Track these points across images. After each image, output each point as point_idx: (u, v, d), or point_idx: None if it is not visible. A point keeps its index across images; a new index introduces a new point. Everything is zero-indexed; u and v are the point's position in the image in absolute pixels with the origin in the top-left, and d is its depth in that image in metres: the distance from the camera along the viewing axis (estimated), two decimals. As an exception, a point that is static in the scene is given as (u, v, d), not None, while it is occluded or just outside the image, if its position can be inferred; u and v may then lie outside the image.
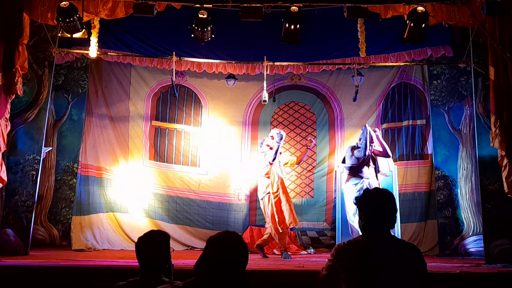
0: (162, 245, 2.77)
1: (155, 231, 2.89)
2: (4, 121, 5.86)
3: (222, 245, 2.17)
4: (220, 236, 2.22)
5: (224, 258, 2.13)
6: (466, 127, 7.57)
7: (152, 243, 2.76)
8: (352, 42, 7.01)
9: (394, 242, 2.55)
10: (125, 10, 6.28)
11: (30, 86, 6.64)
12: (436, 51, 7.42)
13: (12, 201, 6.41)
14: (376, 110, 8.60)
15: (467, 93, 7.54)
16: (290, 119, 8.90)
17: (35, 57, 6.69)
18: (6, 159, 6.17)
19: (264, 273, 4.89)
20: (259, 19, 6.27)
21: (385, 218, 2.55)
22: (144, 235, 2.82)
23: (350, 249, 2.52)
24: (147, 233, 2.85)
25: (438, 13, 6.23)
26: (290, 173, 8.69)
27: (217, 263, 2.13)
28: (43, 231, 7.45)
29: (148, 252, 2.72)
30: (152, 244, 2.75)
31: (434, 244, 7.62)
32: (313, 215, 8.51)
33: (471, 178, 7.43)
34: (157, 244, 2.76)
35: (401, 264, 2.42)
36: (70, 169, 7.75)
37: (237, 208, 8.54)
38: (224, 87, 8.63)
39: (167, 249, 2.79)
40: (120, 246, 7.72)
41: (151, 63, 7.64)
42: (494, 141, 5.99)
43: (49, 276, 4.64)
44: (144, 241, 2.78)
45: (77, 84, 7.92)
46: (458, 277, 4.67)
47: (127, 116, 8.45)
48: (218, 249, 2.16)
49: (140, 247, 2.76)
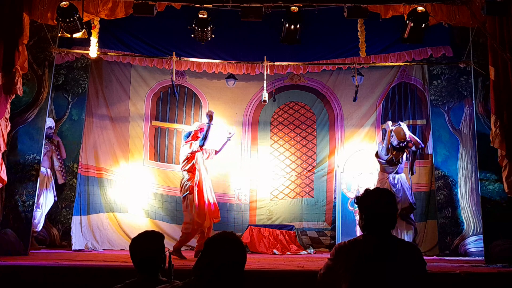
0: (156, 245, 2.76)
1: (149, 231, 2.87)
2: (4, 121, 5.86)
3: (220, 246, 2.18)
4: (218, 237, 2.23)
5: (222, 258, 2.14)
6: (466, 127, 7.57)
7: (146, 243, 2.76)
8: (352, 42, 7.01)
9: (394, 242, 2.55)
10: (125, 10, 6.27)
11: (30, 86, 6.63)
12: (436, 51, 7.41)
13: (12, 201, 6.41)
14: (376, 110, 8.60)
15: (467, 93, 7.53)
16: (290, 119, 8.90)
17: (35, 57, 6.68)
18: (6, 159, 6.17)
19: (264, 273, 4.89)
20: (259, 19, 6.27)
21: (386, 218, 2.55)
22: (138, 236, 2.82)
23: (350, 249, 2.52)
24: (141, 234, 2.84)
25: (438, 13, 6.23)
26: (290, 173, 8.70)
27: (215, 264, 2.13)
28: (43, 231, 7.44)
29: (142, 253, 2.71)
30: (146, 245, 2.75)
31: (434, 244, 7.62)
32: (313, 215, 8.51)
33: (471, 178, 7.43)
34: (151, 244, 2.75)
35: (401, 264, 2.43)
36: (70, 169, 7.75)
37: (237, 208, 8.54)
38: (224, 87, 8.63)
39: (162, 249, 2.77)
40: (120, 246, 7.72)
41: (151, 63, 7.64)
42: (494, 141, 5.99)
43: (49, 276, 4.65)
44: (137, 241, 2.77)
45: (77, 84, 7.92)
46: (458, 277, 4.68)
47: (127, 116, 8.45)
48: (216, 250, 2.17)
49: (134, 248, 2.75)
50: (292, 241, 7.96)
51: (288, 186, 8.68)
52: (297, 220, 8.46)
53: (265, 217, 8.51)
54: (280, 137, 8.85)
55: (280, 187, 8.68)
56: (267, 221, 8.45)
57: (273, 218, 8.52)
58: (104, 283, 3.71)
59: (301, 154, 8.79)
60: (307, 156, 8.76)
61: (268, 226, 8.14)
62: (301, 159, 8.76)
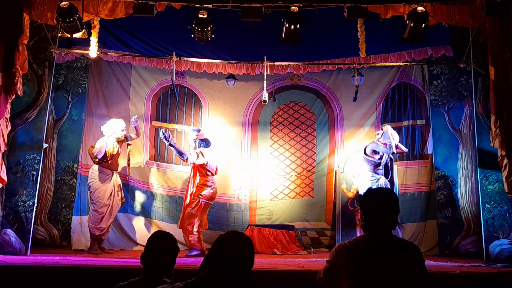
0: (174, 246, 2.79)
1: (166, 232, 2.89)
2: (4, 121, 5.86)
3: (230, 244, 2.18)
4: (228, 235, 2.23)
5: (231, 257, 2.14)
6: (466, 127, 7.57)
7: (165, 243, 2.77)
8: (352, 42, 7.01)
9: (395, 242, 2.55)
10: (125, 10, 6.28)
11: (30, 86, 6.64)
12: (436, 51, 7.41)
13: (12, 201, 6.41)
14: (376, 110, 8.60)
15: (467, 93, 7.53)
16: (290, 119, 8.90)
17: (35, 57, 6.68)
18: (6, 159, 6.18)
19: (264, 273, 4.89)
20: (259, 19, 6.27)
21: (387, 218, 2.55)
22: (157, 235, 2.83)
23: (351, 249, 2.52)
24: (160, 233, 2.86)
25: (438, 13, 6.23)
26: (290, 173, 8.70)
27: (223, 262, 2.13)
28: (43, 231, 7.45)
29: (160, 253, 2.73)
30: (166, 245, 2.76)
31: (434, 244, 7.62)
32: (313, 215, 8.50)
33: (471, 178, 7.43)
34: (170, 245, 2.77)
35: (401, 264, 2.42)
36: (70, 169, 7.75)
37: (237, 208, 8.53)
38: (224, 87, 8.62)
39: (176, 252, 2.82)
40: (120, 246, 7.72)
41: (151, 63, 7.64)
42: (494, 141, 5.99)
43: (49, 276, 4.65)
44: (157, 241, 2.79)
45: (77, 84, 7.91)
46: (458, 277, 4.68)
47: (127, 116, 8.42)
48: (225, 247, 2.17)
49: (152, 246, 2.76)
50: (292, 241, 7.96)
51: (288, 186, 8.68)
52: (297, 220, 8.45)
53: (265, 217, 8.51)
54: (280, 137, 8.85)
55: (280, 187, 8.68)
56: (267, 221, 8.44)
57: (273, 218, 8.52)
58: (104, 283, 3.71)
59: (301, 154, 8.79)
60: (307, 156, 8.76)
61: (268, 226, 8.14)
62: (301, 159, 8.76)
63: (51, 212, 7.54)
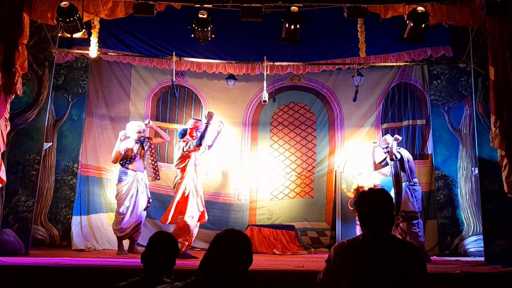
0: (174, 246, 2.80)
1: (167, 232, 2.91)
2: (4, 121, 5.85)
3: (228, 243, 2.18)
4: (226, 234, 2.23)
5: (229, 255, 2.14)
6: (466, 127, 7.58)
7: (166, 243, 2.78)
8: (352, 42, 7.01)
9: (394, 241, 2.55)
10: (125, 10, 6.28)
11: (30, 86, 6.63)
12: (436, 51, 7.41)
13: (12, 201, 6.40)
14: (376, 110, 8.61)
15: (467, 93, 7.54)
16: (290, 119, 8.90)
17: (35, 57, 6.68)
18: (6, 159, 6.17)
19: (264, 273, 4.89)
20: (259, 19, 6.27)
21: (383, 217, 2.55)
22: (158, 235, 2.84)
23: (349, 248, 2.52)
24: (160, 233, 2.87)
25: (438, 13, 6.23)
26: (290, 173, 8.70)
27: (221, 260, 2.13)
28: (43, 231, 7.45)
29: (161, 253, 2.73)
30: (167, 245, 2.77)
31: (434, 244, 7.62)
32: (313, 215, 8.51)
33: (471, 178, 7.44)
34: (171, 245, 2.78)
35: (401, 264, 2.43)
36: (70, 169, 7.75)
37: (237, 208, 8.54)
38: (224, 88, 8.63)
39: (177, 251, 2.84)
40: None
41: (151, 63, 7.65)
42: (494, 141, 5.98)
43: (49, 276, 4.64)
44: (158, 241, 2.79)
45: (77, 84, 7.92)
46: (458, 277, 4.67)
47: (127, 116, 8.45)
48: (223, 246, 2.17)
49: (153, 246, 2.77)
50: (292, 241, 7.96)
51: (288, 186, 8.68)
52: (297, 220, 8.46)
53: (265, 217, 8.52)
54: (280, 137, 8.86)
55: (280, 187, 8.69)
56: (267, 221, 8.45)
57: (273, 218, 8.52)
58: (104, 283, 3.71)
59: (301, 154, 8.80)
60: (307, 156, 8.77)
61: (268, 226, 8.15)
62: (301, 159, 8.77)
63: (51, 212, 7.54)
